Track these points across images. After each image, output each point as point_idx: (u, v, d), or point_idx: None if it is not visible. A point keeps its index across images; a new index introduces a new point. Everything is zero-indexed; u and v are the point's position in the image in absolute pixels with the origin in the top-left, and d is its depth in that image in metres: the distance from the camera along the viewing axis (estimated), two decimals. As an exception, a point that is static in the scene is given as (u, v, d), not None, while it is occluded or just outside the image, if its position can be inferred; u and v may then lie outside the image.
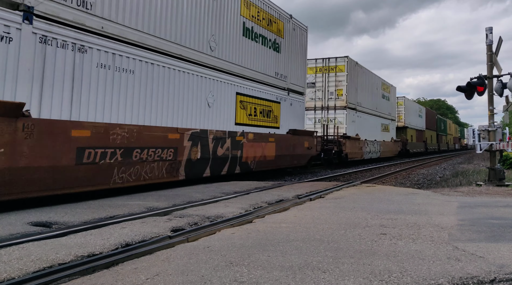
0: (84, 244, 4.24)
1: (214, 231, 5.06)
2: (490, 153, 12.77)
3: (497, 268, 3.55)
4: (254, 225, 5.54)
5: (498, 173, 12.30)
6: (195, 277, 3.31)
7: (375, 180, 16.38)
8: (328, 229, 5.20)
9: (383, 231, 5.04)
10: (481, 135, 12.62)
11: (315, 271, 3.47)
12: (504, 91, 12.59)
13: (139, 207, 6.67)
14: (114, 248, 4.18)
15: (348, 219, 5.91)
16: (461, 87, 12.90)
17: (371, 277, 3.32)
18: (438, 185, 14.88)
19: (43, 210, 6.28)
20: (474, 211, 6.77)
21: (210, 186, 10.06)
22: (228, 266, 3.62)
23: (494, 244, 4.43)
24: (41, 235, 4.57)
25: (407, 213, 6.39)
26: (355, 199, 8.19)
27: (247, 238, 4.70)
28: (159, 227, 5.15)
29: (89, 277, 3.35)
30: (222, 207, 6.77)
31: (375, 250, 4.16)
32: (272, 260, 3.78)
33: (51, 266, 3.54)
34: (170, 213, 6.23)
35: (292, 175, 17.40)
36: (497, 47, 12.90)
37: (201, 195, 8.25)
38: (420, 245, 4.35)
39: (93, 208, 6.46)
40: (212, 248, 4.25)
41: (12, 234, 4.67)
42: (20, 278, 3.25)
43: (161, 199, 7.70)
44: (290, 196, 8.35)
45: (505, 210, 6.85)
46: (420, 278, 3.29)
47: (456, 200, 8.14)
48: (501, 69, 12.67)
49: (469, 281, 3.23)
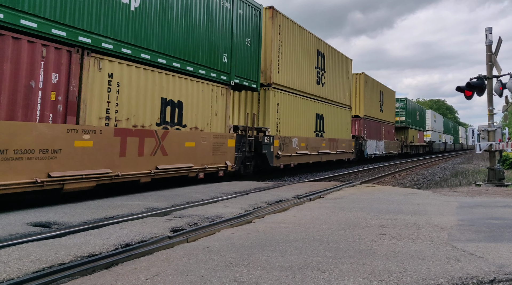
0: (84, 244, 4.23)
1: (213, 231, 5.06)
2: (490, 153, 12.78)
3: (497, 268, 3.55)
4: (254, 225, 5.53)
5: (497, 173, 12.31)
6: (195, 277, 3.31)
7: (375, 180, 16.39)
8: (327, 229, 5.20)
9: (383, 231, 5.04)
10: (480, 136, 12.63)
11: (314, 271, 3.47)
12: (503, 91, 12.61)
13: (138, 207, 6.67)
14: (113, 248, 4.18)
15: (347, 219, 5.91)
16: (460, 87, 12.92)
17: (370, 277, 3.32)
18: (438, 185, 14.88)
19: (43, 210, 6.27)
20: (474, 211, 6.77)
21: (210, 186, 10.05)
22: (227, 266, 3.62)
23: (494, 244, 4.43)
24: (40, 236, 4.57)
25: (406, 213, 6.39)
26: (355, 199, 8.19)
27: (246, 238, 4.70)
28: (159, 227, 5.15)
29: (88, 278, 3.35)
30: (222, 207, 6.77)
31: (375, 250, 4.16)
32: (272, 260, 3.78)
33: (51, 267, 3.54)
34: (170, 213, 6.23)
35: (292, 175, 17.41)
36: (497, 47, 12.91)
37: (200, 195, 8.24)
38: (420, 245, 4.35)
39: (92, 208, 6.46)
40: (211, 248, 4.25)
41: (11, 234, 4.67)
42: (20, 278, 3.24)
43: (161, 199, 7.69)
44: (289, 196, 8.35)
45: (505, 210, 6.86)
46: (420, 278, 3.29)
47: (456, 200, 8.14)
48: (500, 69, 12.68)
49: (468, 281, 3.23)
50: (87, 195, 7.96)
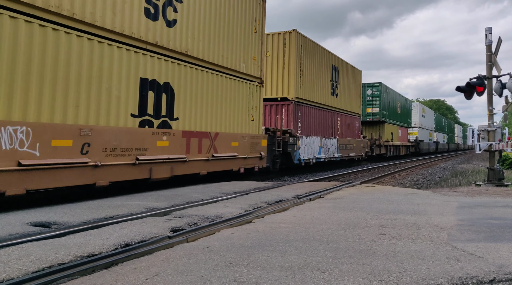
0: (84, 244, 4.23)
1: (213, 231, 5.06)
2: (490, 153, 12.79)
3: (497, 268, 3.55)
4: (254, 225, 5.54)
5: (497, 173, 12.31)
6: (195, 277, 3.31)
7: (375, 180, 16.39)
8: (327, 229, 5.20)
9: (383, 231, 5.04)
10: (480, 136, 12.64)
11: (314, 271, 3.47)
12: (503, 91, 12.62)
13: (138, 207, 6.67)
14: (113, 248, 4.18)
15: (347, 219, 5.91)
16: (460, 87, 12.92)
17: (370, 277, 3.32)
18: (438, 185, 14.89)
19: (42, 210, 6.27)
20: (474, 211, 6.77)
21: (210, 186, 10.06)
22: (227, 266, 3.62)
23: (494, 244, 4.43)
24: (40, 235, 4.57)
25: (406, 213, 6.39)
26: (355, 199, 8.19)
27: (246, 238, 4.70)
28: (159, 227, 5.15)
29: (88, 277, 3.35)
30: (222, 207, 6.77)
31: (375, 250, 4.17)
32: (272, 260, 3.78)
33: (51, 266, 3.54)
34: (170, 213, 6.23)
35: (292, 175, 17.42)
36: (497, 47, 12.91)
37: (200, 195, 8.24)
38: (420, 245, 4.36)
39: (92, 208, 6.46)
40: (211, 248, 4.25)
41: (11, 234, 4.67)
42: (20, 278, 3.24)
43: (161, 199, 7.69)
44: (289, 196, 8.35)
45: (505, 210, 6.86)
46: (420, 278, 3.29)
47: (456, 200, 8.14)
48: (500, 69, 12.69)
49: (468, 281, 3.23)
50: (87, 195, 7.97)
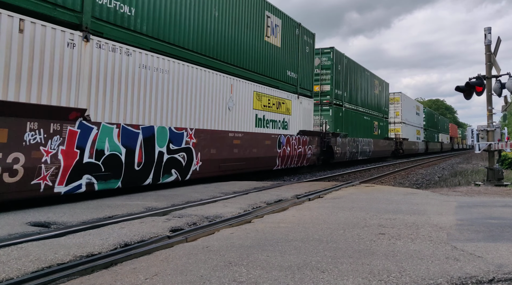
0: (83, 244, 4.23)
1: (213, 231, 5.06)
2: (489, 153, 12.80)
3: (496, 268, 3.55)
4: (253, 225, 5.53)
5: (496, 173, 12.32)
6: (194, 277, 3.31)
7: (374, 179, 16.38)
8: (326, 229, 5.20)
9: (382, 231, 5.05)
10: (479, 136, 12.65)
11: (314, 271, 3.47)
12: (502, 91, 12.62)
13: (138, 207, 6.67)
14: (113, 248, 4.18)
15: (346, 219, 5.91)
16: (460, 87, 12.92)
17: (370, 277, 3.32)
18: (437, 184, 14.90)
19: (42, 210, 6.27)
20: (473, 210, 6.78)
21: (209, 186, 10.05)
22: (227, 266, 3.62)
23: (493, 243, 4.44)
24: (39, 235, 4.56)
25: (405, 213, 6.40)
26: (354, 199, 8.20)
27: (246, 238, 4.70)
28: (158, 227, 5.15)
29: (88, 277, 3.35)
30: (221, 207, 6.77)
31: (374, 250, 4.17)
32: (271, 260, 3.78)
33: (50, 266, 3.54)
34: (169, 213, 6.23)
35: (291, 175, 17.41)
36: (496, 47, 12.92)
37: (200, 195, 8.24)
38: (419, 245, 4.36)
39: (91, 208, 6.45)
40: (211, 248, 4.24)
41: (10, 234, 4.66)
42: (19, 278, 3.24)
43: (160, 199, 7.69)
44: (289, 196, 8.35)
45: (504, 209, 6.86)
46: (419, 278, 3.29)
47: (455, 200, 8.15)
48: (499, 69, 12.70)
49: (467, 281, 3.24)
50: (87, 195, 7.96)
